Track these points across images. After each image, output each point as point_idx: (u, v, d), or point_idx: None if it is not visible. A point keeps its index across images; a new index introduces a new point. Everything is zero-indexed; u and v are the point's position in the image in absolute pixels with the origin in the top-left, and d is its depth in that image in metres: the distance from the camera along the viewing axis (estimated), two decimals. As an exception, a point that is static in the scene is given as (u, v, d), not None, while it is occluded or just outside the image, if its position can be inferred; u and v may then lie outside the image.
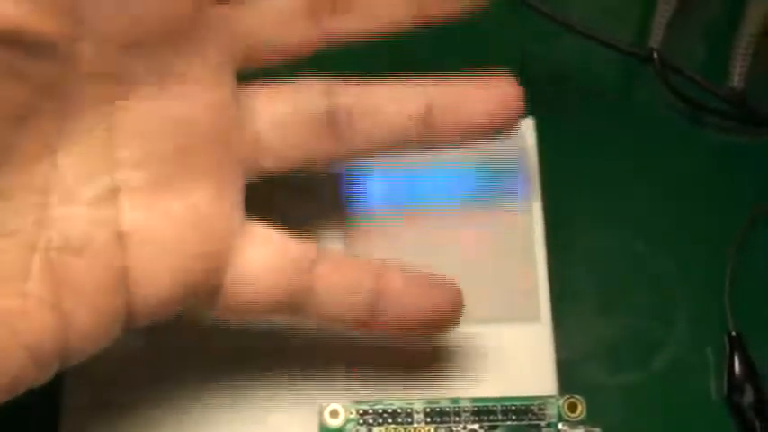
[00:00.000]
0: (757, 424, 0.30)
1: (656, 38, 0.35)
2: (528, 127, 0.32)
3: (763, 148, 0.34)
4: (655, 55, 0.34)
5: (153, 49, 0.24)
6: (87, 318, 0.23)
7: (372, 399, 0.28)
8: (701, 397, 0.30)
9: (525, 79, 0.35)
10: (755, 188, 0.33)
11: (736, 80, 0.34)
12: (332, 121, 0.26)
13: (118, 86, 0.23)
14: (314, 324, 0.27)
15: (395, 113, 0.27)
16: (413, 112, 0.27)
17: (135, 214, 0.24)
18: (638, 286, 0.32)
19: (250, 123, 0.26)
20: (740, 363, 0.30)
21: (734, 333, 0.31)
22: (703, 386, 0.31)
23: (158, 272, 0.24)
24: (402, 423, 0.28)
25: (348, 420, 0.28)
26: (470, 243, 0.30)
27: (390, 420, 0.28)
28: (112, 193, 0.23)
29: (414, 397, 0.29)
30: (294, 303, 0.26)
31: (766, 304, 0.31)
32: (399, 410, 0.28)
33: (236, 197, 0.25)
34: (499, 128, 0.27)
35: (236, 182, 0.26)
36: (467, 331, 0.29)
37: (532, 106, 0.32)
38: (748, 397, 0.30)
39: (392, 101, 0.27)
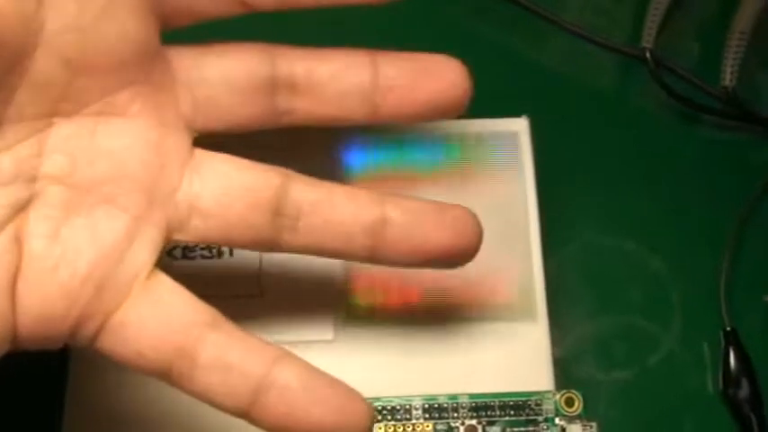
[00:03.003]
0: (753, 418, 0.30)
1: (648, 37, 0.35)
2: (522, 126, 0.32)
3: (756, 145, 0.35)
4: (648, 54, 0.35)
5: (103, 78, 0.24)
6: None
7: (371, 396, 0.29)
8: (696, 392, 0.31)
9: (519, 78, 0.35)
10: (748, 185, 0.33)
11: (729, 78, 0.34)
12: (278, 212, 0.25)
13: (61, 104, 0.24)
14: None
15: (347, 217, 0.26)
16: (366, 220, 0.26)
17: (39, 226, 0.23)
18: (633, 283, 0.32)
19: (192, 186, 0.25)
20: (735, 358, 0.31)
21: (729, 328, 0.31)
22: (699, 381, 0.31)
23: (45, 287, 0.23)
24: (401, 420, 0.29)
25: (347, 418, 0.28)
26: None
27: (390, 417, 0.29)
28: (26, 202, 0.23)
29: (412, 394, 0.29)
30: (175, 368, 0.24)
31: (761, 299, 0.31)
32: (398, 407, 0.29)
33: (148, 245, 0.25)
34: (452, 259, 0.27)
35: (154, 231, 0.25)
36: (464, 329, 0.30)
37: (527, 106, 0.32)
38: (744, 391, 0.30)
39: (348, 205, 0.26)
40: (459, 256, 0.26)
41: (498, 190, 0.31)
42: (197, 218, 0.25)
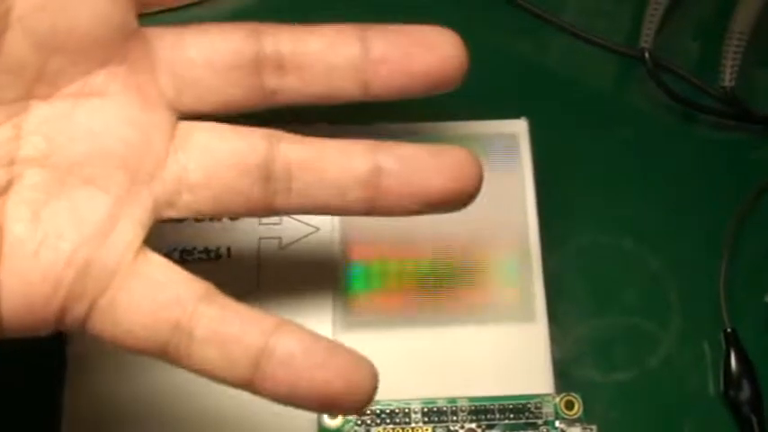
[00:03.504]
0: (754, 419, 0.30)
1: (647, 37, 0.35)
2: (521, 127, 0.32)
3: (755, 144, 0.34)
4: (646, 54, 0.35)
5: (78, 58, 0.23)
6: None
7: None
8: (697, 393, 0.31)
9: (518, 80, 0.35)
10: (747, 184, 0.33)
11: (728, 78, 0.34)
12: (269, 176, 0.25)
13: (37, 85, 0.23)
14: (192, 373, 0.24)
15: (339, 171, 0.25)
16: (359, 172, 0.25)
17: (19, 210, 0.23)
18: (632, 284, 0.32)
19: (178, 161, 0.25)
20: (736, 359, 0.30)
21: (729, 329, 0.31)
22: (699, 383, 0.31)
23: (27, 272, 0.23)
24: (400, 423, 0.28)
25: (346, 421, 0.28)
26: (465, 243, 0.30)
27: (388, 420, 0.28)
28: (5, 186, 0.23)
29: (411, 397, 0.29)
30: (171, 345, 0.24)
31: (761, 299, 0.31)
32: (397, 410, 0.29)
33: (134, 224, 0.24)
34: (453, 202, 0.26)
35: (140, 210, 0.24)
36: (463, 332, 0.29)
37: (525, 107, 0.32)
38: (745, 393, 0.30)
39: (340, 158, 0.25)
40: (459, 198, 0.26)
41: (497, 191, 0.31)
42: (187, 192, 0.25)
